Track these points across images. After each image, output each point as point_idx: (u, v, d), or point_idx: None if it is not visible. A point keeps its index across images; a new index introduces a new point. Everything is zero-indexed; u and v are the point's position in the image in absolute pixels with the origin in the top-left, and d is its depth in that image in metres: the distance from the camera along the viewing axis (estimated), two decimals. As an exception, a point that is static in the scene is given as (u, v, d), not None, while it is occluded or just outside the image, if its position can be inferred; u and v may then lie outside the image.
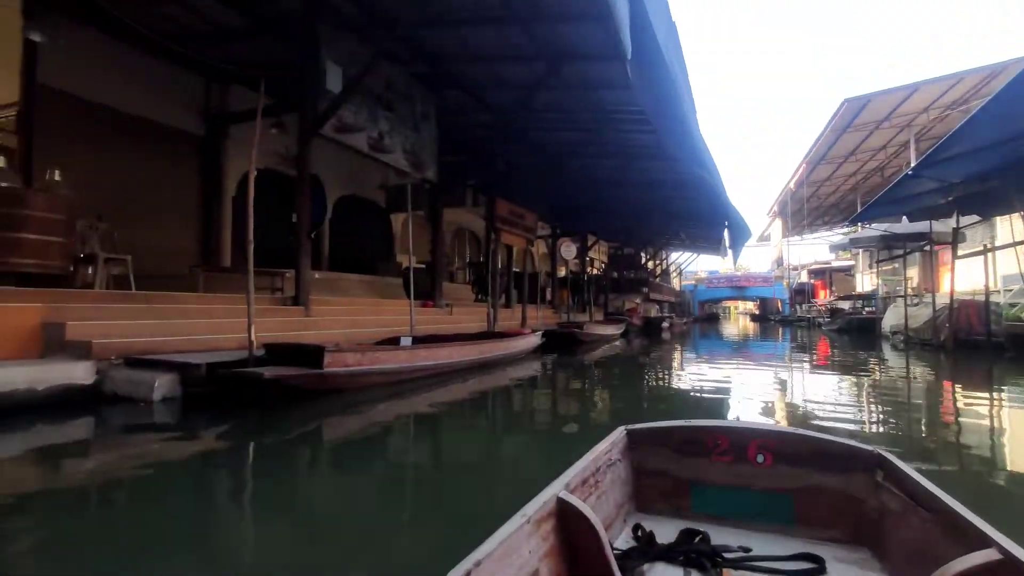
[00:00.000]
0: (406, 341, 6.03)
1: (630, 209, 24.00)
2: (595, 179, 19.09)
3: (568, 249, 13.86)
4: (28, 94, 8.81)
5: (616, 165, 17.33)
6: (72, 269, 5.78)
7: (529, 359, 9.21)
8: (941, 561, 1.02)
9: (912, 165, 15.62)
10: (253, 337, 4.70)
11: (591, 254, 22.57)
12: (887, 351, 12.73)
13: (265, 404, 4.43)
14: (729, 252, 21.91)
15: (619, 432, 1.80)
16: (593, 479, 1.53)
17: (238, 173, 11.51)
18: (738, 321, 50.16)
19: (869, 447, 1.59)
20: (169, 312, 5.66)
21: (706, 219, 23.85)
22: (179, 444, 3.61)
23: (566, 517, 1.24)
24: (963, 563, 0.99)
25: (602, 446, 1.66)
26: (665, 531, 1.54)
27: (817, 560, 1.39)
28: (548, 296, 18.39)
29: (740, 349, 14.96)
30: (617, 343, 15.44)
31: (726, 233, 20.17)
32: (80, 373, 4.25)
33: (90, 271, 5.90)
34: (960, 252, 11.46)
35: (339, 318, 7.97)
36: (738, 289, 51.74)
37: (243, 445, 3.68)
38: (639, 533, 1.54)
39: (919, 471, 1.43)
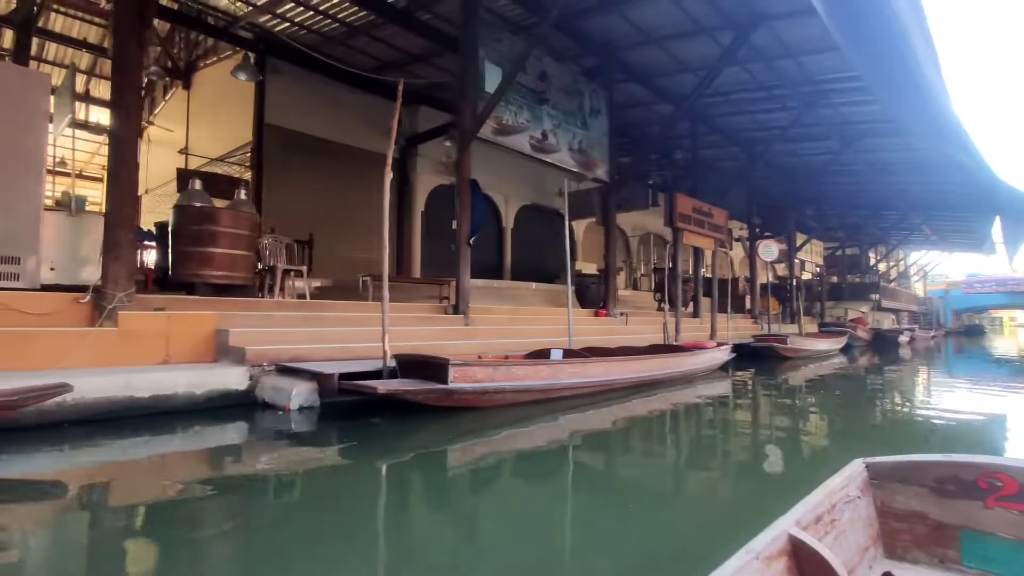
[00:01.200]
0: (556, 354, 5.37)
1: (851, 200, 20.23)
2: (804, 167, 16.36)
3: (767, 250, 11.90)
4: (258, 132, 10.34)
5: (830, 148, 14.58)
6: (257, 281, 6.32)
7: (714, 377, 7.87)
8: None
9: None
10: (387, 347, 4.47)
11: (802, 255, 19.45)
12: None
13: (395, 417, 4.14)
14: (1000, 247, 16.97)
15: (856, 465, 1.60)
16: (828, 516, 1.37)
17: (427, 189, 12.21)
18: (1016, 336, 39.49)
19: None
20: (330, 320, 5.81)
21: (961, 207, 18.97)
22: (293, 457, 3.43)
23: (800, 557, 1.13)
24: None
25: (837, 480, 1.50)
26: None
27: None
28: (748, 305, 16.19)
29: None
30: (835, 360, 12.82)
31: (998, 222, 15.58)
32: (234, 379, 4.42)
33: (268, 282, 6.37)
34: None
35: (500, 327, 7.65)
36: (1015, 295, 40.88)
37: (346, 469, 3.37)
38: None
39: None
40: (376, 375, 4.46)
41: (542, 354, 5.56)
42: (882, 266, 28.50)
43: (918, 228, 25.18)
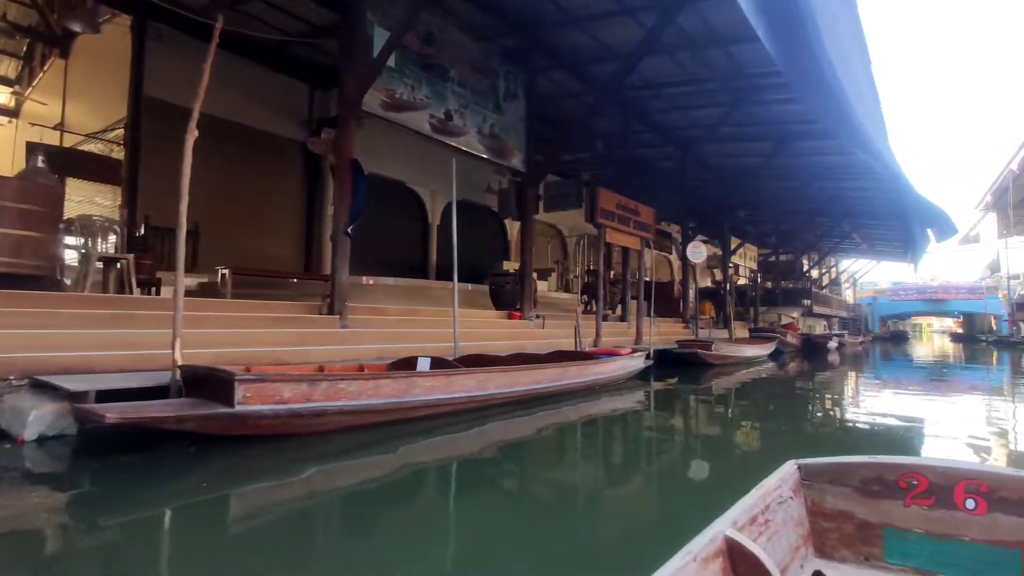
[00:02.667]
0: (424, 364, 4.43)
1: (786, 206, 20.21)
2: (738, 169, 16.05)
3: (696, 251, 11.34)
4: (135, 106, 8.93)
5: (764, 150, 14.27)
6: (58, 270, 5.08)
7: (628, 387, 7.13)
8: None
9: None
10: (177, 355, 3.39)
11: (736, 260, 19.29)
12: None
13: (205, 448, 3.09)
14: (921, 255, 17.24)
15: (789, 467, 1.64)
16: (763, 517, 1.39)
17: None
18: (933, 341, 41.45)
19: None
20: (144, 321, 4.66)
21: (886, 215, 19.23)
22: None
23: (735, 557, 1.15)
24: None
25: (770, 481, 1.53)
26: None
27: None
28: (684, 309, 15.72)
29: (945, 381, 11.13)
30: (764, 366, 12.43)
31: (922, 233, 15.72)
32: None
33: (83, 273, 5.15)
34: None
35: (389, 331, 6.67)
36: (933, 302, 42.88)
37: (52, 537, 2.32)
38: None
39: None
40: (162, 392, 3.39)
41: (408, 364, 4.59)
42: (815, 272, 29.04)
43: (849, 236, 25.70)
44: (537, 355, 5.89)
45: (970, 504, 1.46)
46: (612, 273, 14.46)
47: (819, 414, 6.60)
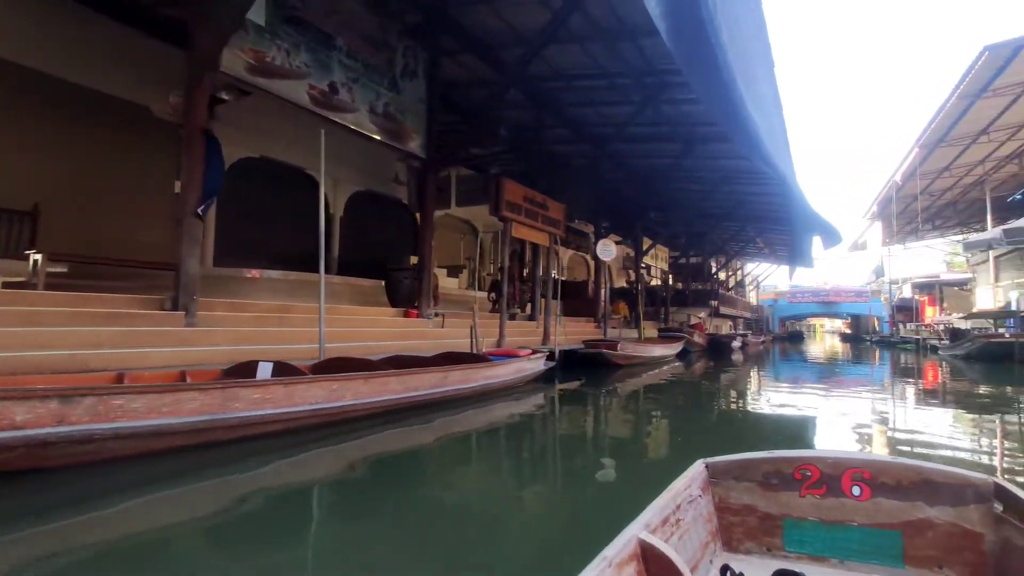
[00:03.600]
0: (265, 370, 3.65)
1: (697, 208, 20.69)
2: (650, 170, 16.10)
3: (606, 249, 11.09)
4: None
5: (674, 151, 14.33)
6: None
7: (525, 391, 6.63)
8: None
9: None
10: None
11: (648, 260, 19.49)
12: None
13: None
14: (806, 261, 18.10)
15: (698, 466, 1.69)
16: (674, 517, 1.43)
17: (229, 159, 9.77)
18: (825, 341, 44.68)
19: (981, 475, 1.48)
20: None
21: (783, 220, 20.14)
22: None
23: (648, 560, 1.17)
24: None
25: (680, 482, 1.57)
26: (757, 573, 1.46)
27: None
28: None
29: (836, 378, 11.54)
30: (671, 366, 12.42)
31: (809, 240, 16.50)
32: None
33: None
34: None
35: (245, 330, 5.74)
36: (826, 304, 46.28)
37: None
38: (728, 575, 1.42)
39: None
40: None
41: (247, 370, 3.78)
42: (722, 274, 30.24)
43: (753, 240, 26.92)
44: (419, 358, 5.21)
45: (856, 491, 1.55)
46: (525, 271, 14.01)
47: (721, 414, 6.51)
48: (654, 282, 23.90)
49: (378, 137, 7.48)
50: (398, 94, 7.86)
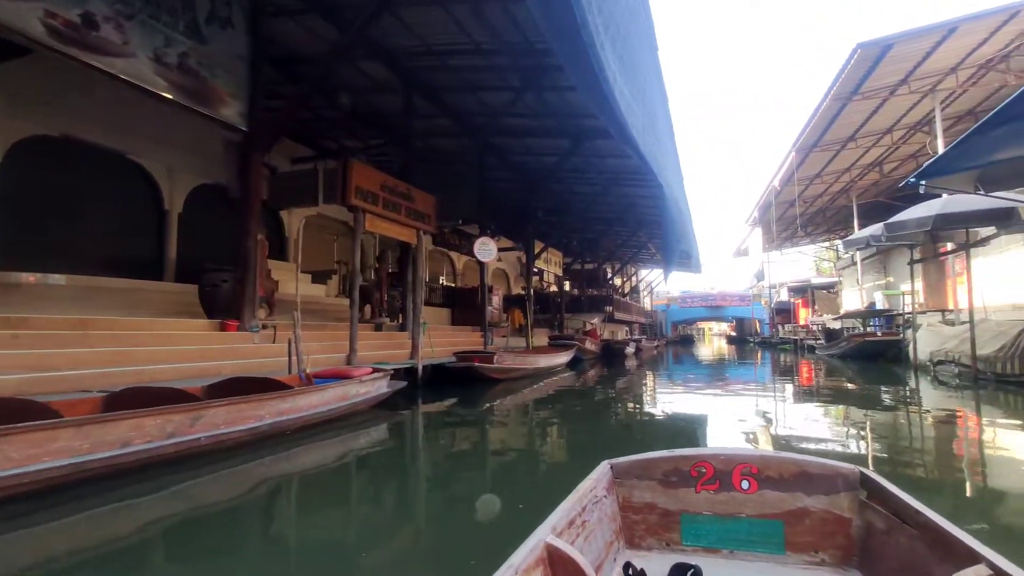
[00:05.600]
0: None
1: (589, 212, 20.15)
2: (537, 166, 15.14)
3: (485, 249, 9.85)
4: None
5: (562, 147, 13.46)
6: None
7: (370, 418, 5.15)
8: None
9: (940, 145, 12.26)
10: None
11: (541, 264, 18.60)
12: (943, 390, 8.86)
13: None
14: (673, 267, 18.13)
15: (603, 467, 1.73)
16: (580, 519, 1.46)
17: (7, 142, 7.37)
18: (713, 343, 46.79)
19: (849, 465, 1.57)
20: None
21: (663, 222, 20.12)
22: None
23: (555, 563, 1.19)
24: None
25: (586, 483, 1.59)
26: (656, 568, 1.49)
27: None
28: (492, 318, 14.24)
29: (724, 380, 11.05)
30: (561, 376, 11.39)
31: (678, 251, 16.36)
32: None
33: None
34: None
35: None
36: (713, 309, 48.59)
37: None
38: (630, 572, 1.45)
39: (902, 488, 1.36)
40: None
41: None
42: (617, 280, 30.31)
43: (645, 246, 27.09)
44: (174, 390, 3.56)
45: (745, 485, 1.64)
46: (390, 273, 12.41)
47: (608, 430, 5.67)
48: (552, 288, 23.18)
49: (166, 94, 5.69)
50: (201, 43, 6.12)
